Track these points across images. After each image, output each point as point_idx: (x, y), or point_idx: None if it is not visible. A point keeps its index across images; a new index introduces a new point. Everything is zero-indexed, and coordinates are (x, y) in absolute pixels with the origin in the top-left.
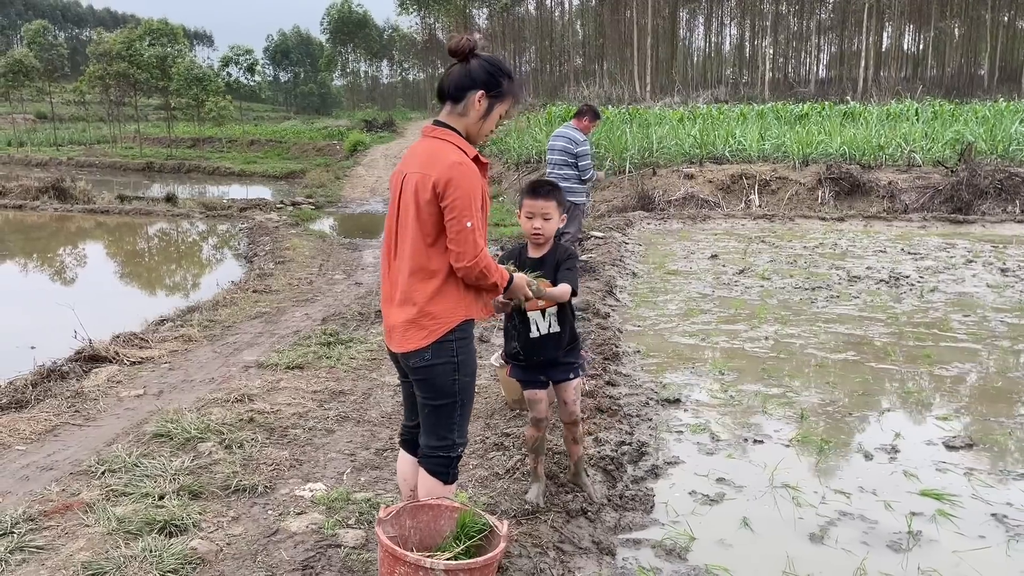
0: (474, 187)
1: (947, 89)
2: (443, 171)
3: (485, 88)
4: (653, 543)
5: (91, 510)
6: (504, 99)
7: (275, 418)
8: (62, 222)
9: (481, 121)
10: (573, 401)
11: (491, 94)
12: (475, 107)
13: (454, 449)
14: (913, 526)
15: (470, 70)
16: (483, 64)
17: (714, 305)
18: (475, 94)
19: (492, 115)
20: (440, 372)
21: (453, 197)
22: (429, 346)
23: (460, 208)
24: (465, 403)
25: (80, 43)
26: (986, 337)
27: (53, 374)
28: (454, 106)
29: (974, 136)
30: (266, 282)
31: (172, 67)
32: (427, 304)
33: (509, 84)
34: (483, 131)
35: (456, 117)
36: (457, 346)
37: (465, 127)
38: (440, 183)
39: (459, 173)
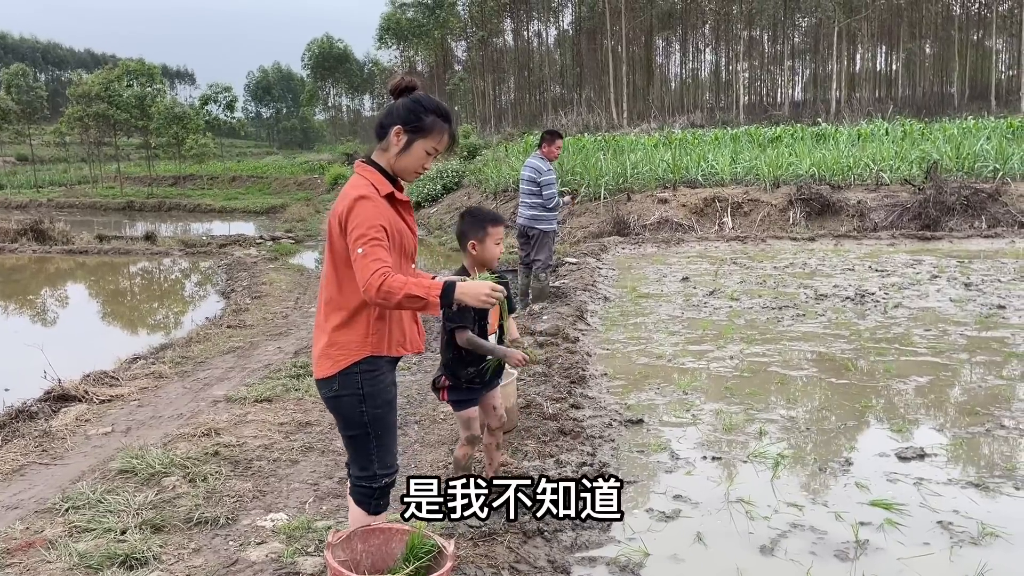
0: (373, 217)
1: (919, 108)
2: (346, 204)
3: (403, 123)
4: (608, 560)
5: (53, 547)
6: (427, 134)
7: (240, 451)
8: (40, 263)
9: (401, 156)
10: (500, 404)
11: (409, 128)
12: (393, 141)
13: (377, 480)
14: (860, 535)
15: (393, 106)
16: (406, 101)
17: (683, 327)
18: (393, 129)
19: (413, 150)
20: (346, 403)
21: (351, 228)
22: (335, 376)
23: (355, 238)
24: (381, 434)
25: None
26: (945, 350)
27: (22, 414)
28: (379, 142)
29: (940, 154)
30: (241, 317)
31: (151, 106)
32: (334, 333)
33: (433, 120)
34: (407, 166)
35: (380, 152)
36: (363, 378)
37: (388, 162)
38: (343, 217)
39: (358, 206)
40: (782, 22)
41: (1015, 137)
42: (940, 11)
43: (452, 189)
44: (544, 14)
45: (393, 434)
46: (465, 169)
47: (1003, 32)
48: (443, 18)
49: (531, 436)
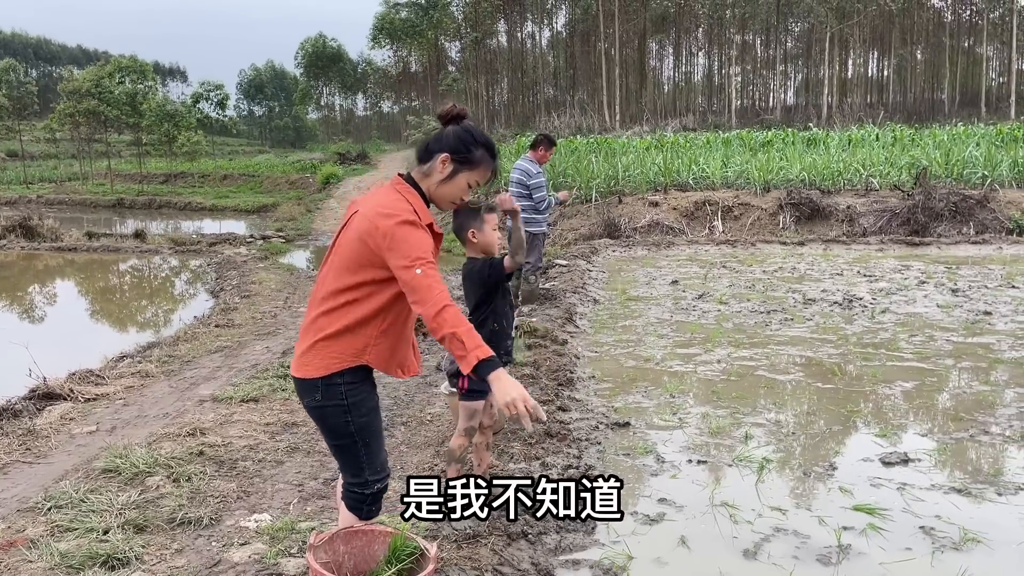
0: (423, 241)
1: (909, 114)
2: (389, 225)
3: (451, 152)
4: (591, 563)
5: (35, 546)
6: (473, 167)
7: (225, 451)
8: (28, 260)
9: (443, 184)
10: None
11: (456, 158)
12: (438, 168)
13: (369, 486)
14: (843, 540)
15: (443, 133)
16: (458, 130)
17: (671, 330)
18: (440, 156)
19: (456, 180)
20: (331, 414)
21: (397, 249)
22: (319, 382)
23: (409, 258)
24: (369, 441)
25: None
26: (931, 356)
27: (5, 412)
28: (421, 165)
29: (929, 160)
30: (229, 316)
31: (143, 103)
32: (329, 339)
33: (481, 154)
34: (445, 195)
35: (422, 176)
36: (346, 389)
37: (428, 187)
38: (381, 237)
39: (406, 230)
40: (775, 27)
41: (1004, 144)
42: (931, 18)
43: None
44: (538, 16)
45: (380, 439)
46: None
47: (994, 39)
48: (437, 18)
49: (517, 438)
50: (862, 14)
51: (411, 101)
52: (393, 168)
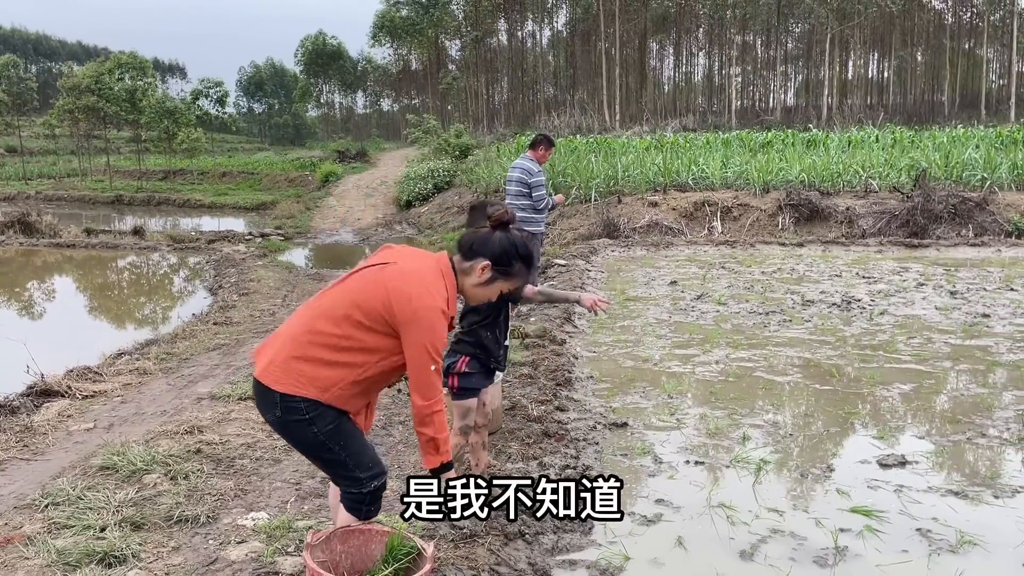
0: (443, 338)
1: (909, 116)
2: (430, 309)
3: (494, 260)
4: (588, 564)
5: (32, 543)
6: (509, 278)
7: (223, 449)
8: (27, 256)
9: (480, 287)
10: (489, 403)
11: (497, 268)
12: (477, 272)
13: (365, 484)
14: (840, 542)
15: (490, 238)
16: (504, 241)
17: (670, 330)
18: (482, 262)
19: (492, 287)
20: (295, 428)
21: (430, 336)
22: (278, 396)
23: (431, 348)
24: (345, 443)
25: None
26: (929, 358)
27: (3, 409)
28: (463, 261)
29: (929, 162)
30: (227, 314)
31: (142, 100)
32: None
33: (519, 268)
34: (478, 295)
35: (461, 270)
36: (305, 406)
37: (463, 283)
38: (418, 314)
39: (437, 320)
40: (775, 27)
41: (1004, 146)
42: (932, 19)
43: (443, 188)
44: (538, 15)
45: (359, 438)
46: (457, 168)
47: (994, 41)
48: (437, 17)
49: (515, 438)
50: (863, 15)
51: (411, 99)
52: (393, 166)
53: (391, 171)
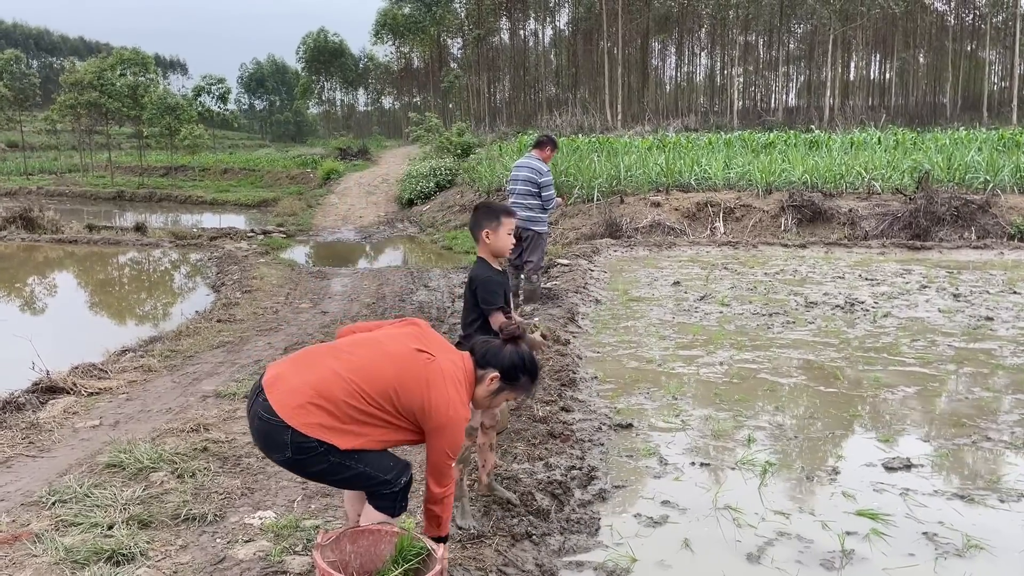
0: (462, 439)
1: (911, 117)
2: (453, 417)
3: (502, 373)
4: (595, 565)
5: (40, 540)
6: (515, 389)
7: (229, 447)
8: (29, 252)
9: (487, 397)
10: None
11: (505, 380)
12: (486, 383)
13: (395, 484)
14: (846, 545)
15: (502, 351)
16: (514, 356)
17: (673, 331)
18: (492, 372)
19: (499, 397)
20: (310, 463)
21: (453, 440)
22: (290, 437)
23: (449, 446)
24: (361, 458)
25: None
26: (933, 361)
27: (9, 405)
28: (475, 362)
29: (932, 164)
30: (231, 311)
31: (144, 96)
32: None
33: (525, 380)
34: (485, 404)
35: (475, 376)
36: (319, 445)
37: (474, 391)
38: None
39: (459, 424)
40: (778, 28)
41: (1006, 149)
42: (934, 21)
43: (445, 187)
44: (541, 14)
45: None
46: (459, 167)
47: (996, 44)
48: (439, 15)
49: (521, 439)
50: (865, 17)
51: (412, 97)
52: (394, 164)
53: (393, 169)
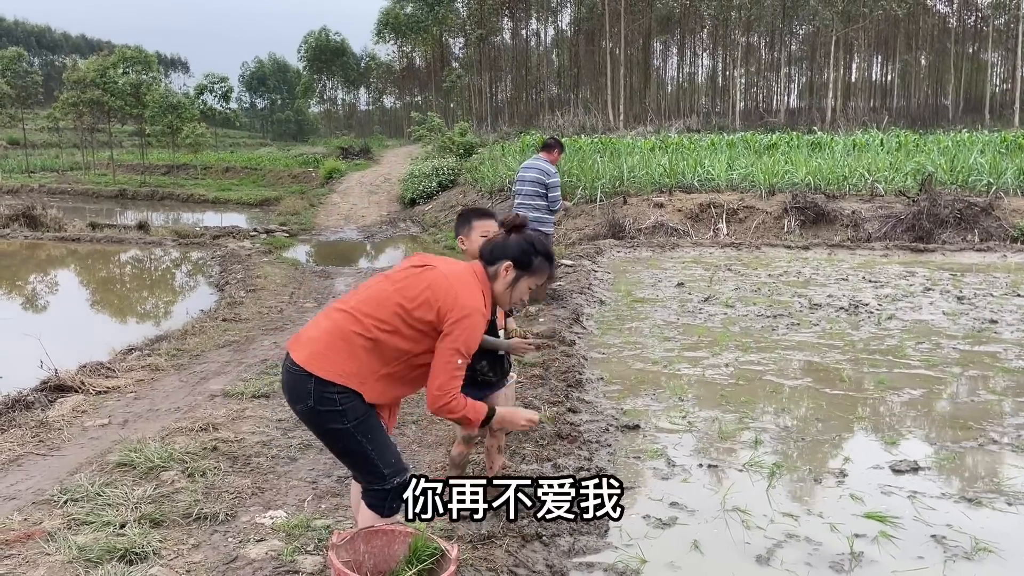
0: (477, 338)
1: (913, 119)
2: (469, 308)
3: (515, 261)
4: (605, 566)
5: (52, 539)
6: (533, 274)
7: (239, 446)
8: (32, 250)
9: (508, 290)
10: (506, 401)
11: (518, 266)
12: (502, 275)
13: (388, 481)
14: (855, 547)
15: (507, 242)
16: (521, 241)
17: (678, 332)
18: (504, 263)
19: (519, 286)
20: (325, 418)
21: (463, 333)
22: (313, 384)
23: (461, 343)
24: (372, 436)
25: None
26: (938, 364)
27: (18, 404)
28: (487, 268)
29: (935, 166)
30: (236, 310)
31: (146, 94)
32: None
33: (540, 262)
34: (511, 298)
35: (488, 276)
36: (340, 398)
37: (493, 290)
38: (459, 313)
39: (475, 321)
40: (780, 29)
41: (1008, 151)
42: (936, 23)
43: (447, 187)
44: (543, 14)
45: (384, 434)
46: (461, 167)
47: (998, 46)
48: (442, 15)
49: (529, 440)
50: (867, 18)
51: (414, 97)
52: (396, 164)
53: (394, 168)
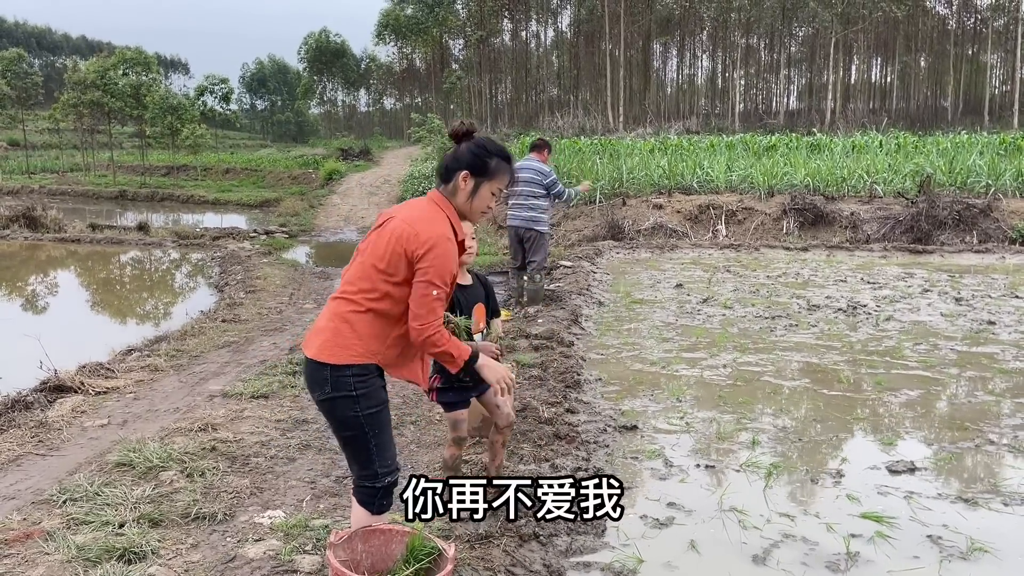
0: (451, 264)
1: (912, 121)
2: (433, 238)
3: (470, 169)
4: (602, 566)
5: (51, 538)
6: (492, 177)
7: (237, 446)
8: (32, 251)
9: (470, 200)
10: (504, 403)
11: (476, 172)
12: (460, 187)
13: (379, 479)
14: (851, 547)
15: (458, 152)
16: (471, 147)
17: (676, 333)
18: (460, 174)
19: (480, 193)
20: (340, 405)
21: (433, 263)
22: (328, 371)
23: (434, 275)
24: (378, 432)
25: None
26: (936, 364)
27: (18, 404)
28: (445, 186)
29: (933, 168)
30: (235, 311)
31: (146, 96)
32: (350, 332)
33: (497, 163)
34: (474, 208)
35: (449, 196)
36: (355, 381)
37: (457, 206)
38: (425, 246)
39: (442, 248)
40: (779, 31)
41: (1007, 153)
42: (936, 25)
43: None
44: (542, 15)
45: (389, 433)
46: None
47: (998, 47)
48: (442, 16)
49: (527, 440)
50: (867, 20)
51: (414, 98)
52: (396, 165)
53: (394, 170)
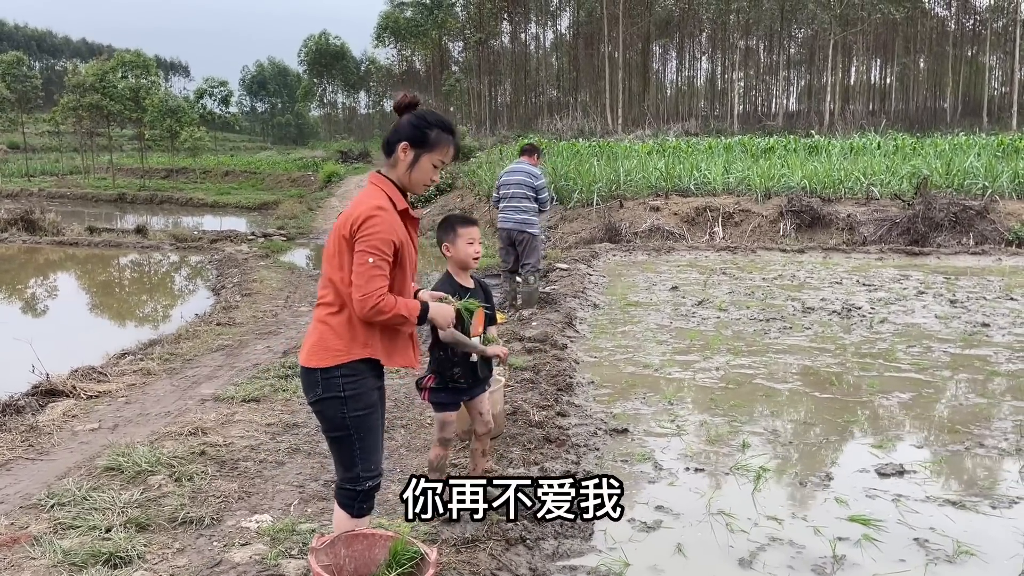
0: (387, 231)
1: (911, 122)
2: (362, 212)
3: (409, 140)
4: (588, 570)
5: (38, 543)
6: (432, 148)
7: (227, 451)
8: (30, 254)
9: (408, 171)
10: (488, 411)
11: (415, 144)
12: (400, 157)
13: (360, 482)
14: (838, 550)
15: (398, 125)
16: (410, 117)
17: (670, 336)
18: (400, 145)
19: (421, 164)
20: (329, 406)
21: (365, 233)
22: (318, 373)
23: (367, 244)
24: (363, 436)
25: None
26: (929, 367)
27: (8, 408)
28: (388, 158)
29: (931, 170)
30: (230, 315)
31: (145, 99)
32: (328, 333)
33: (437, 134)
34: (416, 180)
35: (390, 169)
36: (344, 382)
37: (398, 178)
38: (357, 221)
39: (376, 217)
40: (778, 33)
41: (1004, 155)
42: (935, 26)
43: (445, 190)
44: (542, 17)
45: (377, 437)
46: (459, 171)
47: (997, 49)
48: (441, 18)
49: (516, 443)
50: (866, 22)
51: None
52: None
53: None
